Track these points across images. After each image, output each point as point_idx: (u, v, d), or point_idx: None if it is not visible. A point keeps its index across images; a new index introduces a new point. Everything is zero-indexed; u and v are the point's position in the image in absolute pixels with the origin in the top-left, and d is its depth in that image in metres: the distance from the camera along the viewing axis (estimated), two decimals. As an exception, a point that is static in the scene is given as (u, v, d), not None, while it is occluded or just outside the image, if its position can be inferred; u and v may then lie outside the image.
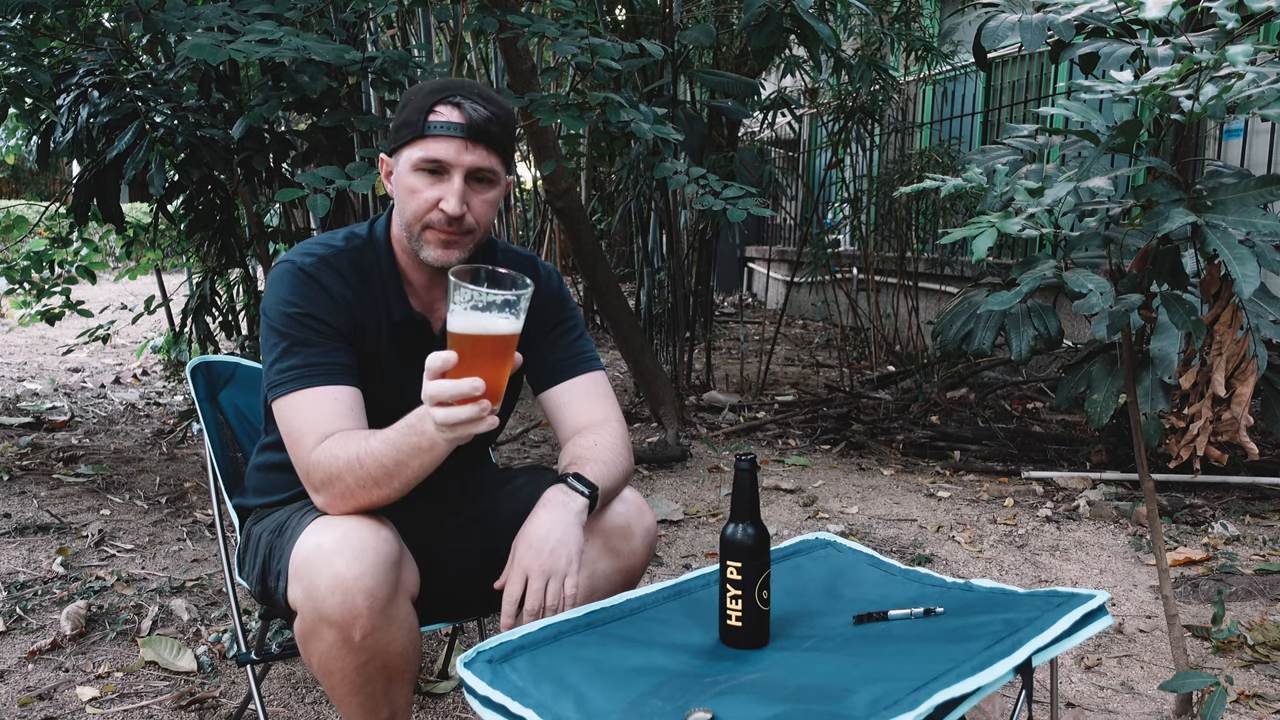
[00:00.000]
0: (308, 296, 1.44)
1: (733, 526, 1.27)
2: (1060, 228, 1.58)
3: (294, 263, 1.46)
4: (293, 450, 1.41)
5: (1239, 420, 1.64)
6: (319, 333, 1.43)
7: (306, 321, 1.43)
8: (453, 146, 1.41)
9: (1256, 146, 4.71)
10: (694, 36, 4.17)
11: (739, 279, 10.87)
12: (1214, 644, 2.33)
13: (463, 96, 1.42)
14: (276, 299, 1.45)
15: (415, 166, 1.43)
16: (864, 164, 6.77)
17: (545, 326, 1.61)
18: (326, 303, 1.44)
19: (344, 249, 1.50)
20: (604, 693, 1.11)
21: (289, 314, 1.43)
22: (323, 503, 1.38)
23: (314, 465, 1.37)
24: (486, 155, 1.43)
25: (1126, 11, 1.71)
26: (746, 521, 1.27)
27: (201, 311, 4.02)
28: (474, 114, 1.41)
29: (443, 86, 1.44)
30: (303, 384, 1.40)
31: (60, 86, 3.35)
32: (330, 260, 1.47)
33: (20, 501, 3.25)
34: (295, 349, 1.42)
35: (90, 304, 4.86)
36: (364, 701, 1.37)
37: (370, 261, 1.50)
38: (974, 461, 4.02)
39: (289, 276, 1.45)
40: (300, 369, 1.41)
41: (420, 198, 1.43)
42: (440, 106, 1.41)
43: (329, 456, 1.35)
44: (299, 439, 1.39)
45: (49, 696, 2.03)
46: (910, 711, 1.02)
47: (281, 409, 1.42)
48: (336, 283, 1.46)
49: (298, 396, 1.40)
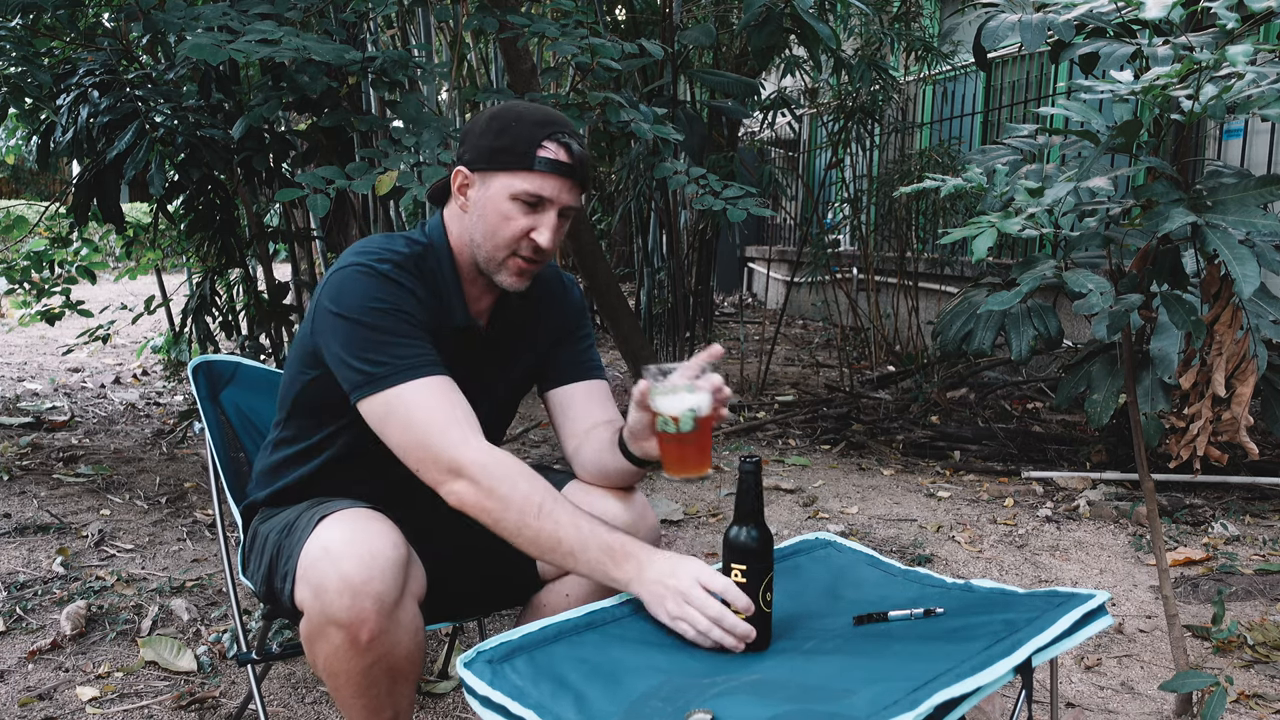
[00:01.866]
0: (393, 293, 1.42)
1: (736, 529, 1.27)
2: (1060, 228, 1.58)
3: (368, 266, 1.43)
4: (424, 440, 1.37)
5: (1239, 420, 1.64)
6: (412, 325, 1.42)
7: (400, 315, 1.41)
8: (558, 185, 1.44)
9: (1256, 146, 4.71)
10: (694, 36, 4.17)
11: (739, 279, 10.87)
12: (1214, 644, 2.33)
13: (569, 135, 1.45)
14: (362, 296, 1.41)
15: (516, 196, 1.43)
16: (864, 164, 6.77)
17: (562, 333, 1.63)
18: (410, 299, 1.44)
19: (409, 254, 1.49)
20: (604, 693, 1.11)
21: (378, 309, 1.40)
22: (459, 499, 1.37)
23: (474, 463, 1.35)
24: (580, 194, 1.49)
25: (1126, 11, 1.71)
26: (750, 524, 1.27)
27: (201, 311, 4.03)
28: (579, 154, 1.45)
29: (547, 120, 1.45)
30: (414, 374, 1.38)
31: (60, 86, 3.35)
32: (402, 264, 1.47)
33: (20, 501, 3.25)
34: (393, 340, 1.39)
35: (90, 304, 4.86)
36: (368, 703, 1.37)
37: (433, 267, 1.51)
38: (974, 461, 4.02)
39: (364, 277, 1.42)
40: (407, 358, 1.39)
41: (515, 225, 1.44)
42: (549, 143, 1.43)
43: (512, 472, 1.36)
44: (430, 427, 1.36)
45: (49, 696, 2.03)
46: (910, 711, 1.02)
47: (392, 401, 1.38)
48: (413, 283, 1.46)
49: (413, 386, 1.37)
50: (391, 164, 2.55)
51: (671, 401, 1.32)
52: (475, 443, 1.37)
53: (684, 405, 1.31)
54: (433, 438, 1.37)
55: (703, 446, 1.34)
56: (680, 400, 1.31)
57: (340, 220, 3.77)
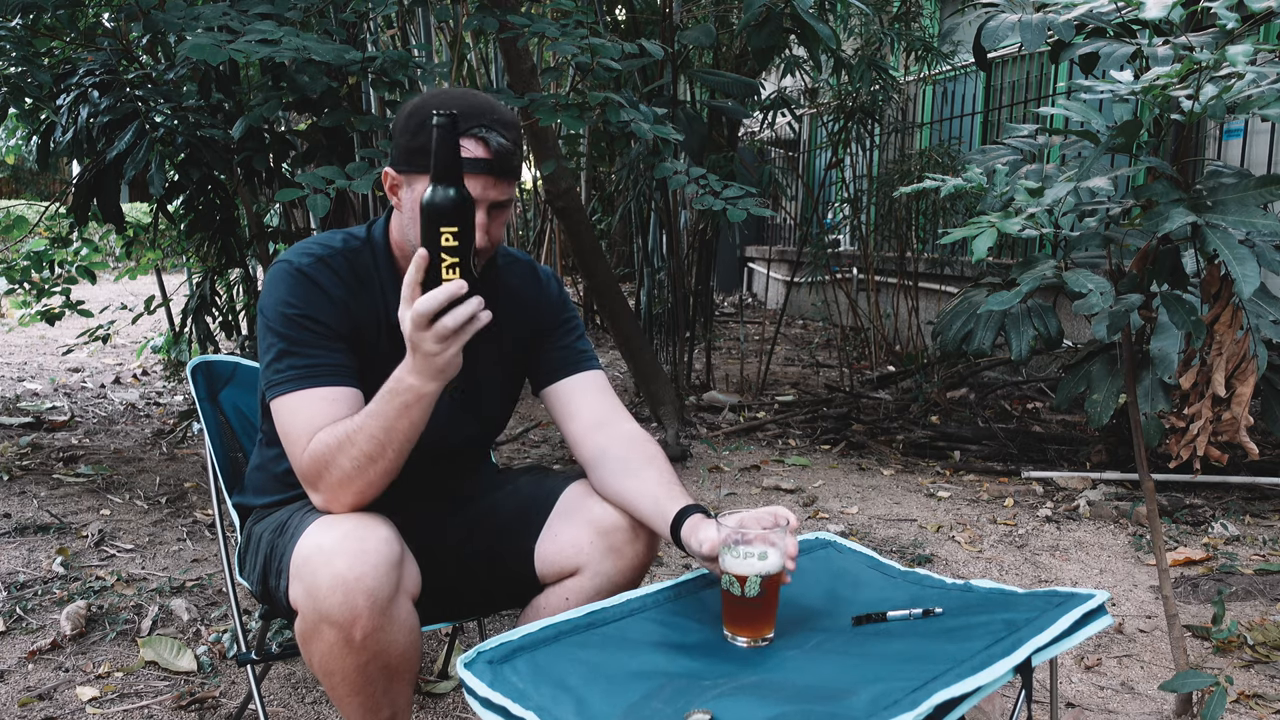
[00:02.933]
0: (305, 297, 1.43)
1: (434, 189, 1.20)
2: (1060, 228, 1.58)
3: (291, 263, 1.46)
4: (289, 451, 1.40)
5: (1239, 420, 1.64)
6: (316, 333, 1.43)
7: (304, 322, 1.42)
8: (481, 184, 1.38)
9: (1256, 146, 4.71)
10: (694, 36, 4.16)
11: (739, 279, 10.87)
12: (1214, 644, 2.33)
13: (486, 129, 1.37)
14: (274, 299, 1.44)
15: None
16: (864, 164, 6.77)
17: (543, 327, 1.61)
18: (324, 303, 1.44)
19: (341, 249, 1.50)
20: (604, 695, 1.11)
21: (287, 315, 1.43)
22: (323, 500, 1.38)
23: (308, 459, 1.37)
24: (509, 186, 1.43)
25: (1126, 11, 1.71)
26: (449, 184, 1.20)
27: (201, 311, 4.03)
28: (499, 148, 1.37)
29: (463, 113, 1.35)
30: (299, 384, 1.40)
31: (60, 86, 3.35)
32: (328, 260, 1.47)
33: (20, 501, 3.25)
34: (293, 349, 1.42)
35: (90, 304, 4.86)
36: (364, 701, 1.37)
37: (367, 263, 1.50)
38: (974, 461, 4.02)
39: (286, 277, 1.45)
40: (297, 369, 1.41)
41: None
42: (466, 141, 1.35)
43: (319, 445, 1.35)
44: (294, 439, 1.39)
45: (49, 696, 2.03)
46: (910, 711, 1.02)
47: (278, 409, 1.42)
48: (334, 283, 1.46)
49: (294, 397, 1.40)
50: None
51: (740, 564, 1.24)
52: (308, 444, 1.37)
53: (753, 570, 1.23)
54: (293, 448, 1.39)
55: (769, 609, 1.26)
56: (750, 565, 1.24)
57: (340, 220, 3.76)
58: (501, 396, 1.65)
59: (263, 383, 1.44)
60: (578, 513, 1.50)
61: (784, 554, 1.27)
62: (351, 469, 1.34)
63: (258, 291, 3.94)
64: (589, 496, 1.52)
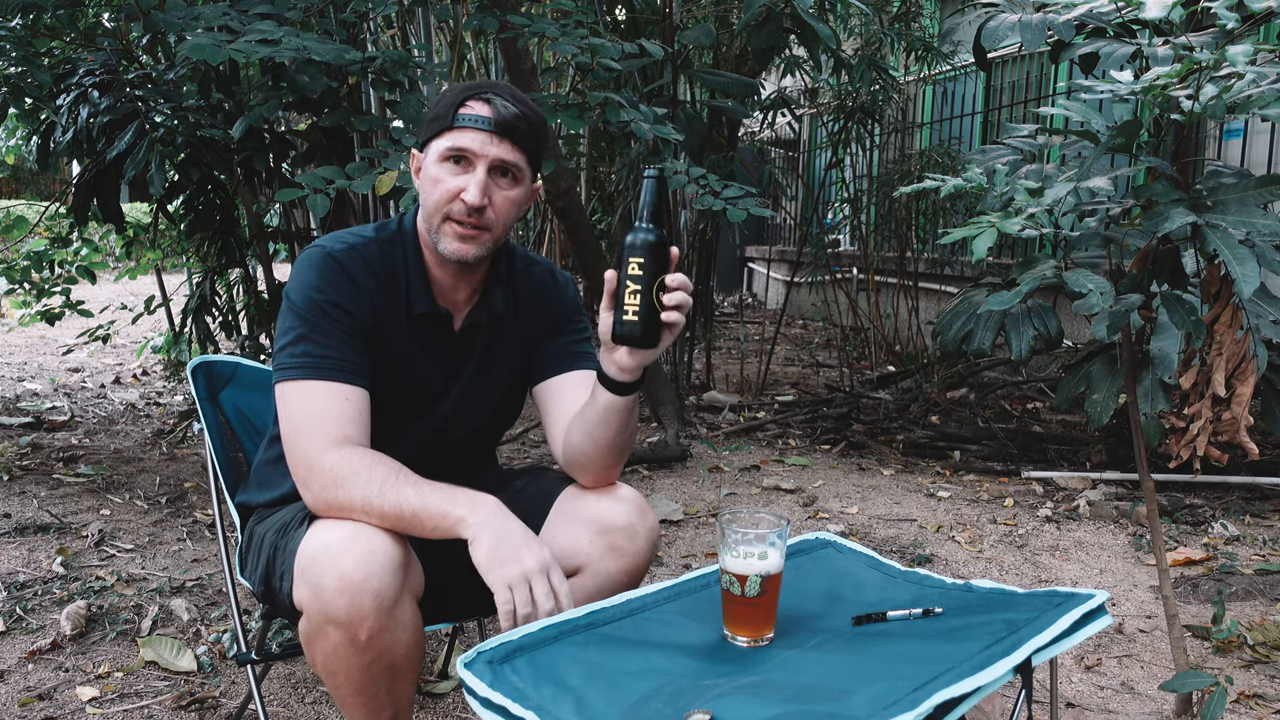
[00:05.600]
0: (335, 284, 1.45)
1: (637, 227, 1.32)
2: (1060, 228, 1.58)
3: (324, 248, 1.47)
4: (293, 437, 1.40)
5: (1239, 420, 1.64)
6: (338, 323, 1.44)
7: (329, 309, 1.43)
8: (478, 138, 1.42)
9: (1256, 146, 4.71)
10: (694, 36, 4.16)
11: (739, 279, 10.87)
12: (1214, 644, 2.33)
13: (494, 94, 1.44)
14: (303, 282, 1.45)
15: (441, 157, 1.44)
16: (864, 164, 6.77)
17: (551, 325, 1.62)
18: (352, 292, 1.45)
19: (373, 239, 1.52)
20: (604, 695, 1.11)
21: (314, 300, 1.43)
22: (311, 499, 1.38)
23: (325, 468, 1.36)
24: (512, 150, 1.45)
25: (1126, 11, 1.71)
26: (651, 224, 1.32)
27: (201, 311, 4.03)
28: (503, 110, 1.43)
29: (477, 85, 1.47)
30: (315, 374, 1.41)
31: (60, 86, 3.35)
32: (360, 249, 1.49)
33: (20, 501, 3.25)
34: (312, 336, 1.42)
35: (90, 304, 4.86)
36: (368, 701, 1.37)
37: (397, 254, 1.52)
38: (974, 461, 4.02)
39: (319, 262, 1.46)
40: (313, 358, 1.41)
41: (442, 187, 1.44)
42: (471, 101, 1.43)
43: (349, 469, 1.35)
44: (304, 429, 1.39)
45: (49, 696, 2.03)
46: (910, 711, 1.02)
47: (285, 392, 1.42)
48: (363, 272, 1.47)
49: (310, 385, 1.40)
50: (391, 164, 2.56)
51: (739, 563, 1.24)
52: (334, 450, 1.37)
53: (753, 570, 1.23)
54: (300, 437, 1.39)
55: (769, 609, 1.26)
56: (750, 565, 1.23)
57: (340, 220, 3.76)
58: (510, 394, 1.66)
59: (276, 364, 1.44)
60: (577, 512, 1.51)
61: (784, 554, 1.27)
62: (353, 508, 1.34)
63: (258, 292, 3.95)
64: (588, 496, 1.52)
